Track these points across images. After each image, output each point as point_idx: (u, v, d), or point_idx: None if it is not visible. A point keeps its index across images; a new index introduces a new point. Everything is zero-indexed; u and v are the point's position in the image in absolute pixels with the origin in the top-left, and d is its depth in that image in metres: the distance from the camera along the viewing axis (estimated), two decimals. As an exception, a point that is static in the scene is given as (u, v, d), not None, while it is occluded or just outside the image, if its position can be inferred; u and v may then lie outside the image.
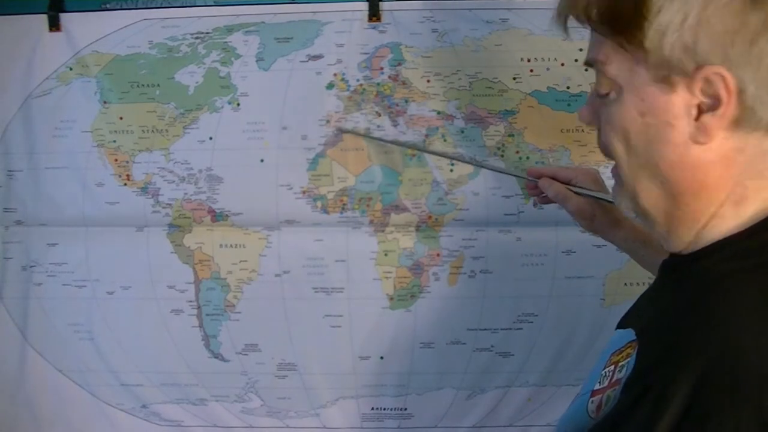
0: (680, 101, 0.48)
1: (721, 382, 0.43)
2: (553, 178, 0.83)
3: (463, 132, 1.04)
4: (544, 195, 0.85)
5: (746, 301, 0.46)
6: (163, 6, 1.07)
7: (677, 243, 0.54)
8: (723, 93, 0.46)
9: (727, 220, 0.51)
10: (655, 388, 0.46)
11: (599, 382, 0.56)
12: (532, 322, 1.07)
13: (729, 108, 0.46)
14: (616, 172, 0.56)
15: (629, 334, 0.55)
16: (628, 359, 0.52)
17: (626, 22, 0.48)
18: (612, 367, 0.55)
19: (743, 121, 0.47)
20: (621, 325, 0.60)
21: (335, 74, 1.04)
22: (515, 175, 1.00)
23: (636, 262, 0.83)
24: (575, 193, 0.80)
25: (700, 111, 0.48)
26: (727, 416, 0.42)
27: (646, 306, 0.59)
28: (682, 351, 0.45)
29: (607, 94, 0.53)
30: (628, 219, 0.80)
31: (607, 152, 0.55)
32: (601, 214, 0.81)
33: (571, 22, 0.54)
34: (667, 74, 0.48)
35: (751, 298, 0.46)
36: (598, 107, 0.55)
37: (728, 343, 0.44)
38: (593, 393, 0.56)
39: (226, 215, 1.06)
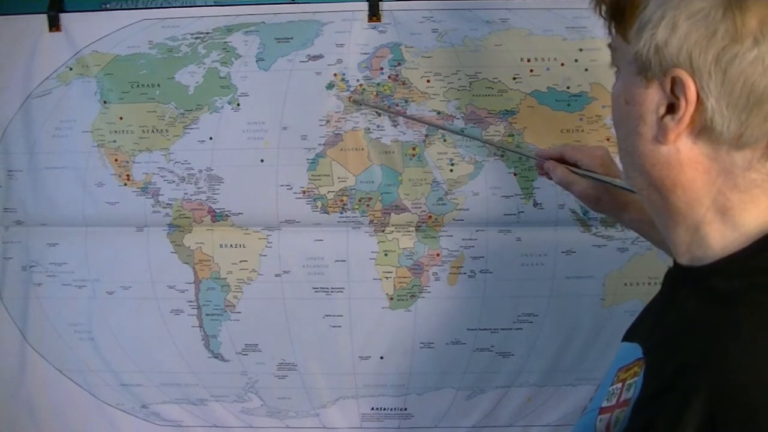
0: (653, 97, 0.49)
1: (735, 410, 0.42)
2: (560, 159, 0.81)
3: (463, 132, 1.04)
4: None
5: (757, 325, 0.45)
6: (163, 6, 1.07)
7: (678, 245, 0.53)
8: (682, 98, 0.47)
9: (718, 230, 0.50)
10: (665, 413, 0.45)
11: (607, 399, 0.55)
12: (532, 322, 1.07)
13: (687, 115, 0.47)
14: None
15: (636, 350, 0.54)
16: (636, 378, 0.51)
17: (622, 14, 0.53)
18: (619, 385, 0.54)
19: (704, 132, 0.47)
20: (627, 337, 0.58)
21: (335, 74, 1.04)
22: (525, 155, 0.97)
23: (646, 239, 0.80)
24: (581, 175, 0.78)
25: (667, 111, 0.48)
26: None
27: (653, 320, 0.58)
28: (694, 377, 0.44)
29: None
30: (636, 201, 0.77)
31: None
32: (606, 198, 0.78)
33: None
34: (642, 69, 0.49)
35: (762, 321, 0.45)
36: None
37: (741, 370, 0.43)
38: (602, 410, 0.55)
39: (226, 215, 1.06)
